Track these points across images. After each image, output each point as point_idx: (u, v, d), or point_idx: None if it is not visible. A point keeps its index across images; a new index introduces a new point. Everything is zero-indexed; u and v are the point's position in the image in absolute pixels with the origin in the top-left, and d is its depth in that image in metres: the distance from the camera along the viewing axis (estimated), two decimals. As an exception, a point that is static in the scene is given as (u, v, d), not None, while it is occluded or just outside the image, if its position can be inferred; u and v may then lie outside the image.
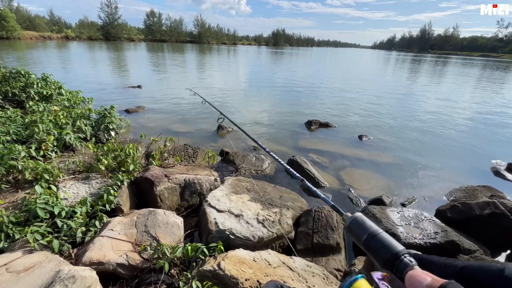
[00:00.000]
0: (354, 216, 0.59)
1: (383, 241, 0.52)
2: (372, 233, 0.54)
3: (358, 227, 0.57)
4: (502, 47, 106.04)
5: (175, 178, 2.73)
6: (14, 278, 1.49)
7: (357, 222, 0.58)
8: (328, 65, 27.94)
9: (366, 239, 0.54)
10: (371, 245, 0.53)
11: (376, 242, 0.52)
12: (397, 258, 0.49)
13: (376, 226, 0.56)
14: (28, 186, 2.34)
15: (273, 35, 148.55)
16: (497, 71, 28.74)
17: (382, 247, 0.51)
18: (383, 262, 0.51)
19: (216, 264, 1.68)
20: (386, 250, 0.51)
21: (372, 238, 0.53)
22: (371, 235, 0.54)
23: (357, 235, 0.56)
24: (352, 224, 0.58)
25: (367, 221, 0.57)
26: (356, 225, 0.57)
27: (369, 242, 0.53)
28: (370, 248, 0.53)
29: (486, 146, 5.43)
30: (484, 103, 10.06)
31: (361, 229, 0.56)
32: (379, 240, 0.52)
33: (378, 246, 0.52)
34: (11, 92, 4.72)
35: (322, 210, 2.53)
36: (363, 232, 0.55)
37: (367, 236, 0.54)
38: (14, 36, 45.60)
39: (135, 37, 74.70)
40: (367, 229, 0.55)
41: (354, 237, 0.58)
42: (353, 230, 0.58)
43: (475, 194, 3.31)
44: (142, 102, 7.47)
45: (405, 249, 0.50)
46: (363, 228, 0.56)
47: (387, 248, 0.51)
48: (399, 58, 54.51)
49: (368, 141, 5.35)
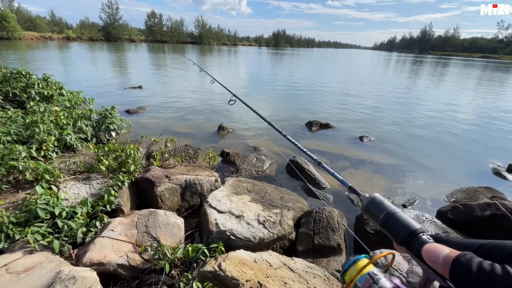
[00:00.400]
0: (372, 196, 0.60)
1: (400, 219, 0.52)
2: (390, 212, 0.54)
3: (376, 206, 0.57)
4: (502, 48, 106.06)
5: (175, 179, 2.73)
6: (14, 278, 1.49)
7: (375, 202, 0.58)
8: (328, 66, 27.95)
9: (383, 218, 0.54)
10: (389, 224, 0.53)
11: (394, 221, 0.53)
12: (414, 235, 0.49)
13: (394, 206, 0.56)
14: (28, 186, 2.34)
15: (274, 36, 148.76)
16: (498, 72, 28.73)
17: (399, 225, 0.52)
18: (401, 239, 0.51)
19: (216, 265, 1.67)
20: (404, 228, 0.51)
21: (389, 217, 0.54)
22: (389, 214, 0.54)
23: (375, 214, 0.57)
24: (370, 204, 0.58)
25: (385, 201, 0.58)
26: (374, 204, 0.58)
27: (386, 221, 0.54)
28: (388, 226, 0.54)
29: (486, 147, 5.43)
30: (484, 104, 10.05)
31: (379, 209, 0.56)
32: (396, 219, 0.53)
33: (395, 225, 0.52)
34: (12, 92, 4.73)
35: (323, 211, 2.53)
36: (381, 211, 0.55)
37: (384, 215, 0.54)
38: (15, 37, 45.72)
39: (136, 37, 74.84)
40: (385, 208, 0.55)
41: (372, 216, 0.58)
42: (371, 210, 0.58)
43: (476, 195, 3.30)
44: (143, 102, 7.47)
45: (422, 228, 0.51)
46: (381, 207, 0.56)
47: (405, 226, 0.51)
48: (399, 59, 54.54)
49: (369, 142, 5.34)
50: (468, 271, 0.36)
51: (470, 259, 0.38)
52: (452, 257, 0.40)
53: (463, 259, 0.38)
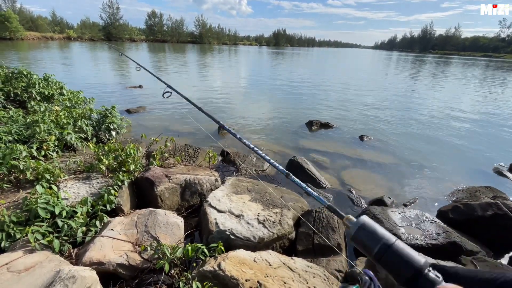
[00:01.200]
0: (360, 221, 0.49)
1: (400, 253, 0.43)
2: (385, 243, 0.45)
3: (367, 236, 0.47)
4: (504, 47, 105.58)
5: (175, 178, 2.73)
6: (15, 277, 1.49)
7: (365, 229, 0.48)
8: (329, 66, 27.90)
9: (379, 252, 0.45)
10: (386, 259, 0.44)
11: (392, 255, 0.44)
12: (420, 275, 0.41)
13: (389, 233, 0.47)
14: (29, 186, 2.34)
15: (274, 36, 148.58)
16: (499, 71, 28.62)
17: (400, 261, 0.43)
18: (404, 280, 0.42)
19: (216, 265, 1.67)
20: (406, 265, 0.42)
21: (386, 250, 0.44)
22: (385, 245, 0.45)
23: (367, 246, 0.47)
24: (359, 232, 0.48)
25: (377, 227, 0.48)
26: (364, 233, 0.48)
27: (382, 256, 0.44)
28: (385, 262, 0.44)
29: (488, 147, 5.40)
30: (486, 103, 10.01)
31: (371, 239, 0.46)
32: (395, 252, 0.44)
33: (395, 260, 0.43)
34: (13, 92, 4.74)
35: (323, 210, 2.53)
36: (374, 243, 0.46)
37: (379, 247, 0.45)
38: (17, 37, 45.83)
39: (136, 37, 74.89)
40: (378, 238, 0.46)
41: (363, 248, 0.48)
42: (361, 240, 0.48)
43: (477, 195, 3.29)
44: (143, 102, 7.48)
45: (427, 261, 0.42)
46: (373, 237, 0.46)
47: (407, 262, 0.42)
48: (400, 58, 54.39)
49: (369, 142, 5.33)
50: None
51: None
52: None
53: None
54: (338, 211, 0.61)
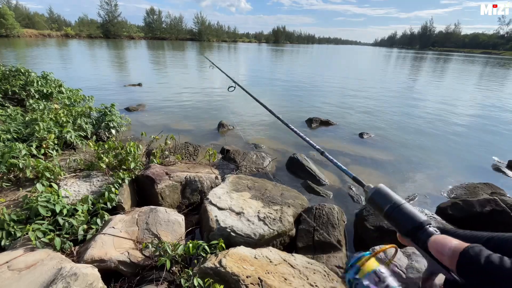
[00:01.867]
0: (377, 186, 0.58)
1: (406, 211, 0.51)
2: (395, 203, 0.53)
3: (381, 197, 0.56)
4: (503, 44, 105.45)
5: (176, 176, 2.73)
6: (16, 275, 1.50)
7: (380, 192, 0.56)
8: (328, 63, 27.82)
9: (388, 209, 0.53)
10: (394, 215, 0.52)
11: (399, 212, 0.52)
12: (420, 228, 0.48)
13: (399, 197, 0.54)
14: (29, 184, 2.34)
15: (274, 33, 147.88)
16: (499, 68, 28.60)
17: (405, 217, 0.51)
18: (406, 231, 0.50)
19: (217, 262, 1.68)
20: (410, 220, 0.50)
21: (394, 208, 0.52)
22: (394, 205, 0.52)
23: (379, 205, 0.55)
24: (375, 194, 0.57)
25: (390, 192, 0.56)
26: (379, 195, 0.56)
27: (391, 212, 0.53)
28: (392, 218, 0.53)
29: (487, 143, 5.42)
30: (485, 100, 10.01)
31: (384, 200, 0.55)
32: (402, 210, 0.52)
33: (401, 216, 0.51)
34: (11, 90, 4.71)
35: (323, 207, 2.54)
36: (386, 203, 0.54)
37: (390, 206, 0.53)
38: (13, 34, 45.49)
39: (135, 34, 74.43)
40: (390, 199, 0.54)
41: (376, 207, 0.57)
42: (375, 201, 0.57)
43: (476, 191, 3.30)
44: (142, 100, 7.45)
45: (428, 220, 0.50)
46: (386, 198, 0.55)
47: (411, 218, 0.50)
48: (400, 55, 54.27)
49: (369, 139, 5.34)
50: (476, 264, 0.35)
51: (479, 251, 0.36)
52: (461, 249, 0.39)
53: (471, 251, 0.37)
54: (360, 180, 0.70)
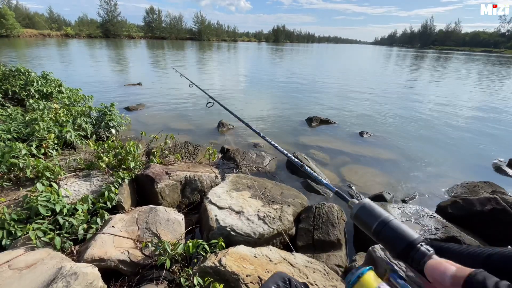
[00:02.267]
0: (362, 202, 0.54)
1: (396, 229, 0.47)
2: (383, 220, 0.49)
3: (367, 214, 0.52)
4: (504, 42, 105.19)
5: (175, 175, 2.73)
6: (17, 275, 1.50)
7: (366, 209, 0.52)
8: (328, 62, 27.78)
9: (376, 228, 0.49)
10: (383, 235, 0.48)
11: (389, 230, 0.47)
12: (413, 247, 0.44)
13: (387, 212, 0.51)
14: (29, 184, 2.34)
15: (274, 32, 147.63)
16: (499, 66, 28.53)
17: (395, 236, 0.46)
18: (398, 252, 0.46)
19: (217, 261, 1.68)
20: (400, 239, 0.46)
21: (383, 226, 0.48)
22: (383, 223, 0.48)
23: (366, 223, 0.51)
24: (360, 211, 0.53)
25: (377, 207, 0.52)
26: (365, 212, 0.52)
27: (380, 231, 0.48)
28: (382, 237, 0.48)
29: (487, 142, 5.41)
30: (486, 99, 10.00)
31: (371, 217, 0.51)
32: (391, 228, 0.47)
33: (391, 235, 0.47)
34: (11, 90, 4.71)
35: (323, 206, 2.54)
36: (373, 220, 0.50)
37: (377, 224, 0.49)
38: (13, 34, 45.49)
39: (134, 34, 74.36)
40: (377, 216, 0.50)
41: (363, 226, 0.52)
42: (361, 218, 0.53)
43: (476, 190, 3.30)
44: (142, 99, 7.46)
45: (420, 237, 0.45)
46: (372, 215, 0.51)
47: (401, 237, 0.46)
48: (400, 54, 54.16)
49: (369, 138, 5.33)
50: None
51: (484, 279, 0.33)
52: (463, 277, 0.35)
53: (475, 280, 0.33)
54: (343, 195, 0.68)
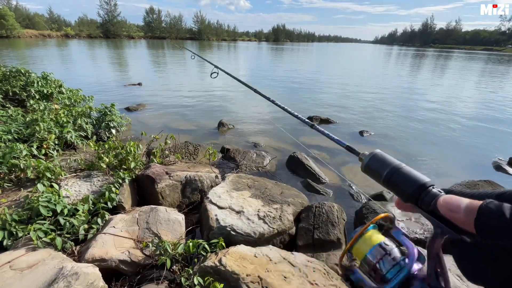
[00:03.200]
0: (372, 153, 0.53)
1: (406, 174, 0.46)
2: (394, 167, 0.48)
3: (378, 163, 0.51)
4: (505, 40, 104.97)
5: (176, 175, 2.74)
6: (18, 275, 1.51)
7: (376, 158, 0.52)
8: (329, 61, 27.74)
9: (387, 174, 0.48)
10: (393, 180, 0.48)
11: (399, 176, 0.47)
12: (424, 189, 0.44)
13: (398, 161, 0.50)
14: (30, 184, 2.36)
15: (274, 31, 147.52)
16: (500, 65, 28.45)
17: (405, 180, 0.46)
18: (408, 195, 0.45)
19: (217, 260, 1.69)
20: (411, 182, 0.45)
21: (394, 172, 0.47)
22: (394, 169, 0.48)
23: (377, 172, 0.50)
24: (371, 161, 0.52)
25: (388, 156, 0.51)
26: (375, 161, 0.51)
27: (390, 177, 0.48)
28: (392, 183, 0.48)
29: (487, 141, 5.40)
30: (486, 98, 9.97)
31: (382, 165, 0.50)
32: (402, 174, 0.47)
33: (401, 180, 0.46)
34: (12, 91, 4.73)
35: (323, 206, 2.54)
36: (384, 168, 0.49)
37: (388, 171, 0.48)
38: (13, 35, 45.55)
39: (134, 34, 74.41)
40: (388, 164, 0.49)
41: (373, 174, 0.51)
42: (372, 168, 0.52)
43: (477, 189, 3.30)
44: (142, 99, 7.46)
45: (432, 181, 0.45)
46: (384, 163, 0.50)
47: (412, 180, 0.45)
48: (400, 52, 54.05)
49: (369, 137, 5.33)
50: (501, 218, 0.31)
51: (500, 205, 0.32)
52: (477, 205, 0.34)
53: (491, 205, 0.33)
54: (355, 149, 0.64)
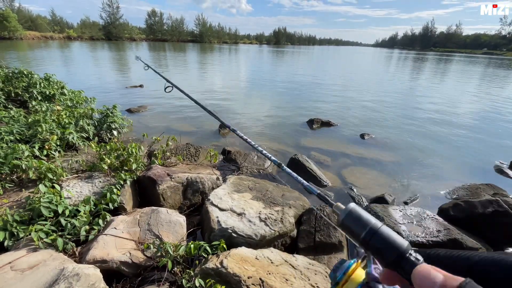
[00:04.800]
0: (348, 208, 0.50)
1: (385, 238, 0.45)
2: (372, 228, 0.46)
3: (354, 221, 0.48)
4: (505, 44, 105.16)
5: (177, 177, 2.74)
6: (19, 276, 1.51)
7: (352, 215, 0.49)
8: (329, 64, 27.83)
9: (365, 236, 0.46)
10: (372, 244, 0.46)
11: (378, 239, 0.45)
12: (403, 257, 0.42)
13: (375, 219, 0.48)
14: (32, 185, 2.36)
15: (275, 34, 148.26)
16: (501, 68, 28.50)
17: (385, 245, 0.44)
18: (387, 263, 0.44)
19: (218, 262, 1.68)
20: (390, 249, 0.44)
21: (372, 235, 0.45)
22: (372, 231, 0.46)
23: (354, 231, 0.48)
24: (347, 218, 0.49)
25: (364, 213, 0.49)
26: (352, 219, 0.49)
27: (369, 240, 0.46)
28: (371, 247, 0.46)
29: (489, 144, 5.40)
30: (487, 101, 9.98)
31: (358, 224, 0.47)
32: (380, 237, 0.45)
33: (380, 245, 0.45)
34: (14, 92, 4.75)
35: (324, 208, 2.54)
36: (361, 228, 0.47)
37: (366, 232, 0.46)
38: (16, 37, 45.82)
39: (136, 36, 74.79)
40: (365, 223, 0.47)
41: (350, 234, 0.49)
42: (348, 226, 0.49)
43: (478, 192, 3.29)
44: (144, 101, 7.48)
45: (409, 245, 0.44)
46: (360, 223, 0.47)
47: (391, 246, 0.44)
48: (401, 56, 54.21)
49: (371, 140, 5.33)
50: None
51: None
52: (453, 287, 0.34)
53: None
54: (328, 199, 0.62)
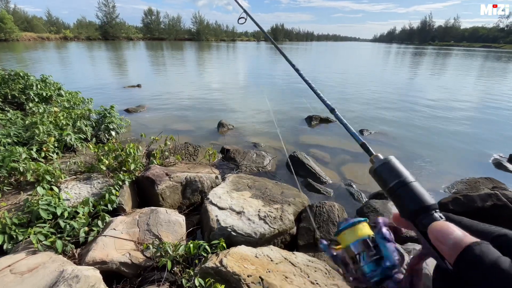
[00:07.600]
0: (386, 158, 0.51)
1: (414, 191, 0.45)
2: (403, 181, 0.46)
3: (388, 171, 0.49)
4: (503, 37, 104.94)
5: (176, 177, 2.74)
6: (19, 279, 1.51)
7: (388, 165, 0.49)
8: (328, 59, 27.74)
9: (394, 186, 0.46)
10: (398, 193, 0.46)
11: (405, 191, 0.45)
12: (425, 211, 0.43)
13: (410, 174, 0.48)
14: (30, 187, 2.35)
15: (272, 31, 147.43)
16: (499, 61, 28.44)
17: (411, 197, 0.44)
18: (408, 212, 0.44)
19: (218, 261, 1.68)
20: (415, 201, 0.44)
21: (401, 186, 0.46)
22: (402, 183, 0.46)
23: (384, 179, 0.48)
24: (381, 167, 0.50)
25: (400, 166, 0.49)
26: (386, 168, 0.49)
27: (396, 190, 0.46)
28: (396, 196, 0.46)
29: (487, 138, 5.40)
30: (486, 95, 9.97)
31: (391, 174, 0.48)
32: (409, 189, 0.45)
33: (406, 196, 0.45)
34: (11, 94, 4.72)
35: (324, 205, 2.54)
36: (393, 178, 0.47)
37: (396, 182, 0.46)
38: (12, 38, 45.51)
39: (133, 36, 74.36)
40: (398, 175, 0.47)
41: (379, 181, 0.50)
42: (380, 174, 0.50)
43: (477, 186, 3.30)
44: (142, 101, 7.45)
45: (436, 205, 0.43)
46: (393, 173, 0.48)
47: (417, 199, 0.44)
48: (399, 50, 54.05)
49: (369, 136, 5.33)
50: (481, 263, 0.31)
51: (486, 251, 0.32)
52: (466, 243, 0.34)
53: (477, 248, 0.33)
54: (370, 149, 0.62)
